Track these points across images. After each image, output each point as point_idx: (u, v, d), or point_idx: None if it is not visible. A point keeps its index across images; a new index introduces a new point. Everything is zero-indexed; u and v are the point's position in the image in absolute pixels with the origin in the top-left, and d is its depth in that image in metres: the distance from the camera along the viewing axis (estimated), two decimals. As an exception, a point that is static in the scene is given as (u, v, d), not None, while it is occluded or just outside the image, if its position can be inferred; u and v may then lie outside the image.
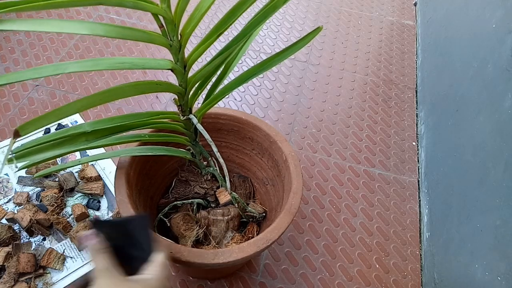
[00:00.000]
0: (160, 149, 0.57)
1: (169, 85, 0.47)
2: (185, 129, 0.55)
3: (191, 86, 0.50)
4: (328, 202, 0.88)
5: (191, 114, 0.53)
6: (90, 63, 0.38)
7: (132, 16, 1.22)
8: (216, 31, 0.45)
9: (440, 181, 0.84)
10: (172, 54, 0.45)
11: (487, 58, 0.75)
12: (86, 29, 0.35)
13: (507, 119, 0.62)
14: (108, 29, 0.37)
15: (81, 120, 0.94)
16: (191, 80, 0.49)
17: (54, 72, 0.36)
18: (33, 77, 0.36)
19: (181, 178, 0.68)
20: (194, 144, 0.58)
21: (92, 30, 0.35)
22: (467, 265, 0.64)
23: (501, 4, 0.75)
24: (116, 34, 0.37)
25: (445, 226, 0.76)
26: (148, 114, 0.50)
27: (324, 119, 1.04)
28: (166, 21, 0.41)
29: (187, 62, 0.46)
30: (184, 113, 0.52)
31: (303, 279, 0.76)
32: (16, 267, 0.67)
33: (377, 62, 1.22)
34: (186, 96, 0.50)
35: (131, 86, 0.41)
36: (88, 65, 0.38)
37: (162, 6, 0.39)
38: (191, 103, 0.52)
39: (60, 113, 0.33)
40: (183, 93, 0.49)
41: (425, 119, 1.03)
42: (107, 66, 0.40)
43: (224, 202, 0.66)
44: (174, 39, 0.43)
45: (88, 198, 0.81)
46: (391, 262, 0.80)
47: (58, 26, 0.35)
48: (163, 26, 0.41)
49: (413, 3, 1.44)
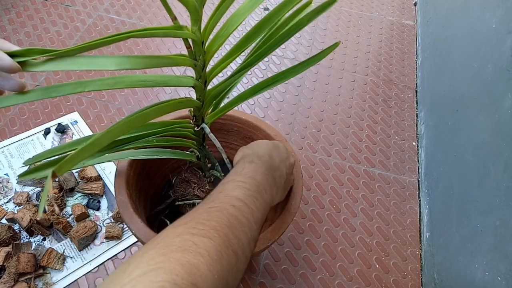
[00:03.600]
0: (165, 152, 0.56)
1: (190, 101, 0.46)
2: (194, 135, 0.55)
3: (208, 100, 0.49)
4: (328, 202, 0.88)
5: (203, 123, 0.52)
6: (111, 81, 0.38)
7: (132, 16, 1.22)
8: (240, 48, 0.44)
9: (440, 181, 0.84)
10: (195, 72, 0.44)
11: (487, 58, 0.75)
12: (114, 64, 0.35)
13: (507, 119, 0.62)
14: (135, 61, 0.36)
15: (80, 120, 0.94)
16: (209, 94, 0.48)
17: (74, 90, 0.36)
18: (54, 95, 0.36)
19: (184, 178, 0.68)
20: (201, 148, 0.58)
21: (119, 65, 0.35)
22: (467, 265, 0.64)
23: (501, 4, 0.75)
24: (144, 65, 0.37)
25: (445, 226, 0.76)
26: (162, 124, 0.50)
27: (324, 119, 1.04)
28: (194, 43, 0.40)
29: (207, 77, 0.46)
30: (197, 123, 0.52)
31: (303, 279, 0.76)
32: (16, 267, 0.67)
33: (377, 62, 1.22)
34: (203, 108, 0.50)
35: (157, 109, 0.40)
36: (109, 84, 0.38)
37: (193, 29, 0.39)
38: (204, 113, 0.52)
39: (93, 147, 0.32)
40: (200, 106, 0.49)
41: (425, 119, 1.03)
42: (128, 84, 0.39)
43: None
44: (200, 59, 0.42)
45: (88, 198, 0.81)
46: (391, 262, 0.80)
47: (88, 64, 0.35)
48: (190, 47, 0.41)
49: (413, 3, 1.44)
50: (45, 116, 0.95)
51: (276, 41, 0.44)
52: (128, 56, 0.36)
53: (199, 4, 0.36)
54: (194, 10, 0.37)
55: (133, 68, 0.37)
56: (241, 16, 0.41)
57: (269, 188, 0.47)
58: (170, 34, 0.38)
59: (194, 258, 0.31)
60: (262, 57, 0.46)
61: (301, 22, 0.43)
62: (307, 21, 0.43)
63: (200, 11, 0.37)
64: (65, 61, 0.34)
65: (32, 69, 0.34)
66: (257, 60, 0.46)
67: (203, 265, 0.31)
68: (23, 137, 0.90)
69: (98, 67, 0.35)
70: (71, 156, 0.30)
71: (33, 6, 1.21)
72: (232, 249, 0.35)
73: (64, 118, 0.95)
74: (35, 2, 1.22)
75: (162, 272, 0.28)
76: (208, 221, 0.36)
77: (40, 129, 0.91)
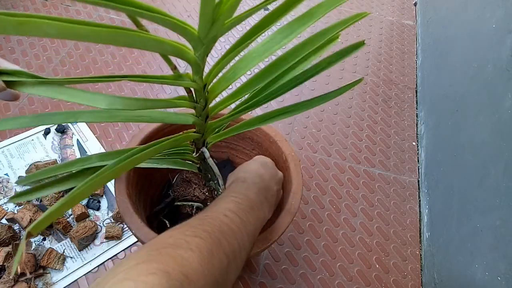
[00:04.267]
0: (167, 161, 0.55)
1: (188, 136, 0.44)
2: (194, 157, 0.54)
3: (209, 132, 0.48)
4: (328, 202, 0.88)
5: (203, 147, 0.50)
6: (105, 114, 0.36)
7: (132, 16, 1.22)
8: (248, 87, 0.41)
9: (440, 181, 0.84)
10: (195, 111, 0.42)
11: (487, 58, 0.75)
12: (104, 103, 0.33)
13: (507, 119, 0.62)
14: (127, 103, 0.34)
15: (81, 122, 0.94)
16: (210, 127, 0.46)
17: (65, 120, 0.35)
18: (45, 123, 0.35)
19: (185, 178, 0.68)
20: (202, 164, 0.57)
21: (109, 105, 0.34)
22: (467, 265, 0.64)
23: (501, 4, 0.75)
24: (137, 107, 0.35)
25: (445, 226, 0.76)
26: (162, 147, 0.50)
27: (324, 119, 1.04)
28: (195, 90, 0.38)
29: (209, 114, 0.43)
30: (198, 146, 0.50)
31: (303, 279, 0.76)
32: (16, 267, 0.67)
33: (377, 62, 1.22)
34: (202, 137, 0.48)
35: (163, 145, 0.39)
36: (103, 117, 0.36)
37: (194, 78, 0.36)
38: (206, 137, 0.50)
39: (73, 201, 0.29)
40: (200, 138, 0.48)
41: (425, 119, 1.03)
42: (123, 119, 0.38)
43: None
44: (201, 101, 0.40)
45: (88, 198, 0.81)
46: (391, 262, 0.80)
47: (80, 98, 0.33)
48: (191, 92, 0.39)
49: (413, 3, 1.44)
50: (45, 116, 0.94)
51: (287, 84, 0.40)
52: (120, 97, 0.35)
53: (200, 58, 0.33)
54: (195, 64, 0.34)
55: (125, 109, 0.35)
56: (252, 61, 0.38)
57: (261, 206, 0.48)
58: (169, 83, 0.36)
59: (186, 253, 0.32)
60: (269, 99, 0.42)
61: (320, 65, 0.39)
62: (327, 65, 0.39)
63: (202, 64, 0.35)
64: (55, 89, 0.33)
65: (21, 89, 0.33)
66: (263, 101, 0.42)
67: (194, 259, 0.32)
68: (23, 137, 0.90)
69: (88, 102, 0.34)
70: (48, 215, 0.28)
71: (33, 6, 1.21)
72: (223, 252, 0.36)
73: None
74: (35, 2, 1.22)
75: (154, 263, 0.29)
76: (201, 226, 0.37)
77: (40, 129, 0.91)
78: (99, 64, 1.08)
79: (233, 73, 0.39)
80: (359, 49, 0.38)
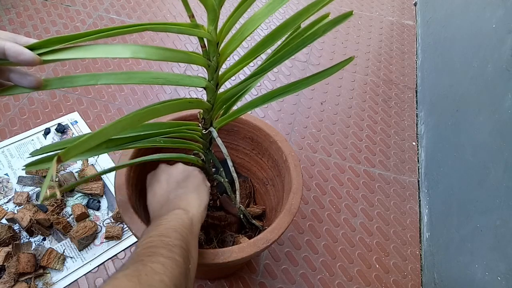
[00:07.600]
0: (171, 155, 0.55)
1: (200, 102, 0.46)
2: (201, 138, 0.54)
3: (218, 103, 0.49)
4: (328, 202, 0.88)
5: (211, 127, 0.52)
6: (124, 76, 0.38)
7: (132, 16, 1.22)
8: (254, 53, 0.44)
9: (440, 181, 0.84)
10: (208, 73, 0.44)
11: (487, 58, 0.75)
12: (129, 52, 0.35)
13: (507, 119, 0.62)
14: (150, 51, 0.36)
15: (80, 120, 0.94)
16: (220, 97, 0.48)
17: (87, 82, 0.36)
18: (68, 86, 0.36)
19: None
20: (207, 152, 0.57)
21: (134, 53, 0.36)
22: (467, 265, 0.64)
23: (501, 4, 0.75)
24: (158, 56, 0.37)
25: (445, 226, 0.76)
26: (169, 125, 0.50)
27: (324, 119, 1.04)
28: (209, 43, 0.40)
29: (220, 80, 0.46)
30: (206, 126, 0.52)
31: (303, 279, 0.76)
32: (16, 267, 0.67)
33: (377, 62, 1.22)
34: (212, 111, 0.50)
35: (166, 106, 0.40)
36: (122, 78, 0.38)
37: (209, 29, 0.39)
38: (214, 117, 0.52)
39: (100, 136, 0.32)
40: (210, 109, 0.49)
41: (425, 119, 1.03)
42: (140, 80, 0.40)
43: (230, 212, 0.66)
44: (214, 59, 0.42)
45: (88, 198, 0.81)
46: (391, 262, 0.80)
47: (103, 52, 0.35)
48: (205, 47, 0.41)
49: (413, 3, 1.44)
50: (45, 116, 0.95)
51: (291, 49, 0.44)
52: (143, 46, 0.36)
53: (217, 4, 0.36)
54: (212, 10, 0.36)
55: (148, 58, 0.36)
56: (257, 21, 0.41)
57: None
58: (185, 31, 0.37)
59: None
60: (276, 64, 0.46)
61: (317, 32, 0.43)
62: (323, 32, 0.43)
63: (218, 11, 0.37)
64: (80, 50, 0.34)
65: (49, 58, 0.34)
66: (271, 67, 0.46)
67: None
68: (23, 137, 0.90)
69: (113, 55, 0.35)
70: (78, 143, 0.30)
71: (33, 6, 1.21)
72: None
73: (64, 118, 0.95)
74: (35, 2, 1.22)
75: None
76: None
77: (40, 129, 0.91)
78: (99, 65, 1.08)
79: (241, 34, 0.42)
80: (348, 18, 0.44)
